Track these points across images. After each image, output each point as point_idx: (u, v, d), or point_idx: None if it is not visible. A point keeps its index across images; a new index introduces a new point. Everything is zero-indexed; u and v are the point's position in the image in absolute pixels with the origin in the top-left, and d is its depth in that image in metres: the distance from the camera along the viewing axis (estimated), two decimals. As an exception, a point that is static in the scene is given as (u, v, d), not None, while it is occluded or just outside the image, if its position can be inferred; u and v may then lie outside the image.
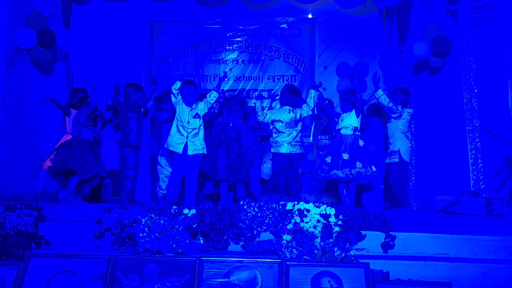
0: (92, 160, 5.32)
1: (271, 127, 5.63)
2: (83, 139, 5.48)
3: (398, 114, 5.36)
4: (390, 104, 5.28)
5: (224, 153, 5.24)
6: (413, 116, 6.10)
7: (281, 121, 5.43)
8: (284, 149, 5.42)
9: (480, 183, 4.79)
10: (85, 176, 5.33)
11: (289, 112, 5.45)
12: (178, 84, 5.18)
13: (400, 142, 5.39)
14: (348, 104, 5.26)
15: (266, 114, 5.46)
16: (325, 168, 5.11)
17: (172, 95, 5.21)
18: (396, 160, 5.38)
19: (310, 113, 5.61)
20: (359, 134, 5.20)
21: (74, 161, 5.23)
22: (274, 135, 5.51)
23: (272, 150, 5.52)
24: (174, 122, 5.22)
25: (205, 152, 5.23)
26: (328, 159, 5.11)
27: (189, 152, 5.14)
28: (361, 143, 5.10)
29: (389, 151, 5.52)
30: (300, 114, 5.49)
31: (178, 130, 5.17)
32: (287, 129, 5.44)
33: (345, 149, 5.07)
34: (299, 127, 5.55)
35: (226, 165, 5.19)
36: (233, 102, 5.50)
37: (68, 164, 5.24)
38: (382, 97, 5.26)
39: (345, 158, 5.00)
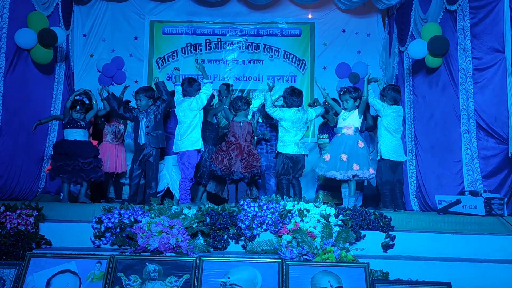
0: (91, 163, 5.26)
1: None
2: (77, 142, 5.34)
3: (381, 110, 5.29)
4: (373, 100, 5.24)
5: (237, 152, 5.26)
6: (412, 115, 6.13)
7: (289, 120, 5.40)
8: (291, 149, 5.35)
9: (480, 183, 4.79)
10: (86, 179, 5.28)
11: (298, 111, 5.44)
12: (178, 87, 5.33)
13: (383, 140, 5.33)
14: (351, 103, 5.18)
15: (276, 110, 5.38)
16: (323, 167, 5.08)
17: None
18: (378, 157, 5.34)
19: (314, 116, 5.63)
20: (359, 134, 5.18)
21: (73, 169, 5.18)
22: (280, 134, 5.45)
23: (278, 150, 5.43)
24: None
25: (201, 148, 5.26)
26: (327, 158, 5.06)
27: (181, 149, 5.22)
28: (360, 144, 5.06)
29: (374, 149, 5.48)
30: (307, 117, 5.49)
31: (177, 128, 5.24)
32: (294, 129, 5.39)
33: (344, 150, 5.02)
34: (305, 128, 5.56)
35: (243, 164, 5.22)
36: (239, 101, 5.50)
37: (69, 176, 5.19)
38: (370, 93, 5.21)
39: (344, 159, 4.96)
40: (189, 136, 5.20)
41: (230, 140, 5.34)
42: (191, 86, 5.29)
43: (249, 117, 5.78)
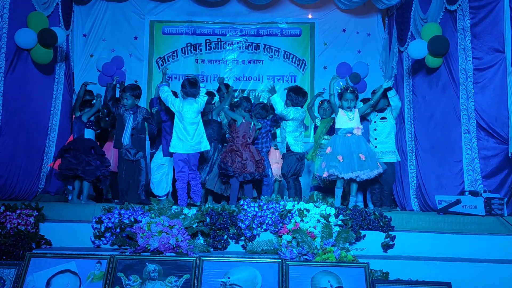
0: (93, 163, 5.31)
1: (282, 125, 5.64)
2: (85, 140, 5.48)
3: (398, 113, 5.37)
4: (399, 103, 5.27)
5: (250, 153, 5.25)
6: (412, 115, 6.14)
7: (298, 119, 5.43)
8: (300, 148, 5.46)
9: (480, 183, 4.79)
10: (90, 179, 5.34)
11: (304, 111, 5.50)
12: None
13: (395, 142, 5.39)
14: (354, 103, 5.16)
15: (290, 110, 5.39)
16: (337, 167, 4.94)
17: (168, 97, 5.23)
18: (395, 160, 5.36)
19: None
20: (339, 134, 5.15)
21: (80, 166, 5.24)
22: (288, 134, 5.48)
23: (292, 149, 5.44)
24: (178, 124, 5.17)
25: (209, 148, 5.24)
26: (341, 158, 4.96)
27: (197, 150, 5.18)
28: (333, 144, 5.07)
29: (384, 151, 5.46)
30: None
31: (185, 129, 5.18)
32: (299, 128, 5.47)
33: (361, 150, 4.99)
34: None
35: (255, 165, 5.24)
36: (246, 102, 5.48)
37: (76, 171, 5.27)
38: (396, 97, 5.19)
39: (363, 159, 4.93)
40: (201, 137, 5.17)
41: (242, 141, 5.31)
42: (195, 87, 5.24)
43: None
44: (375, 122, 5.41)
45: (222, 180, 5.47)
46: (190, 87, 5.16)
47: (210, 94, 5.88)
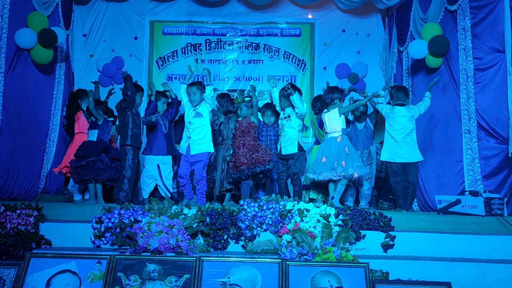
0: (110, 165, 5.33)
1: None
2: (98, 143, 5.42)
3: None
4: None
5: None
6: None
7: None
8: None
9: (480, 183, 4.79)
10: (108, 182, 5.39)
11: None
12: (183, 87, 5.27)
13: None
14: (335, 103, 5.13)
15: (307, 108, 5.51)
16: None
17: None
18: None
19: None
20: (345, 134, 5.10)
21: (101, 171, 5.22)
22: (299, 133, 5.52)
23: (301, 149, 5.50)
24: (209, 126, 5.29)
25: (211, 151, 5.25)
26: (323, 160, 4.99)
27: (192, 152, 5.18)
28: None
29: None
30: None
31: (185, 131, 5.27)
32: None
33: (333, 151, 4.99)
34: None
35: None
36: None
37: (97, 177, 5.22)
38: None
39: (333, 162, 4.93)
40: (199, 139, 5.27)
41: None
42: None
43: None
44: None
45: (232, 179, 5.34)
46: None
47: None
